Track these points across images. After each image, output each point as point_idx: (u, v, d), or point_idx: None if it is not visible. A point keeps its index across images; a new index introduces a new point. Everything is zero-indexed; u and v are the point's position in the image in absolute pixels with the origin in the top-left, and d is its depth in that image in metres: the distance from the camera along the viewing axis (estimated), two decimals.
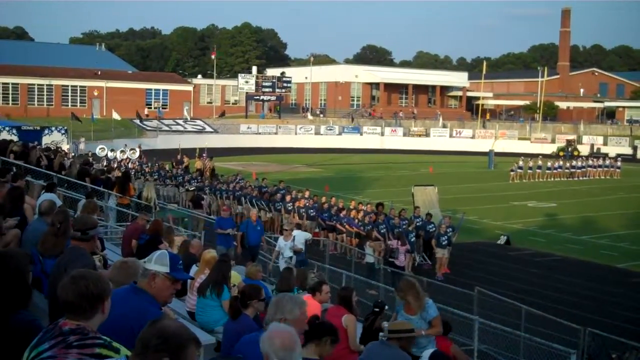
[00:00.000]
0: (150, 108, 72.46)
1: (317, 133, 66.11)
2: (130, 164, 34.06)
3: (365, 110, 76.98)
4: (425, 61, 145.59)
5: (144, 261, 4.14)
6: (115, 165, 31.92)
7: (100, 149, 39.72)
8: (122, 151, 39.30)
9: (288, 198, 23.05)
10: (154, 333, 2.53)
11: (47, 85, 69.43)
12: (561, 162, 45.67)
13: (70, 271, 3.24)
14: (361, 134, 67.47)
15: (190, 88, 78.61)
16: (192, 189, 27.29)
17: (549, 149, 62.28)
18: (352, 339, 7.32)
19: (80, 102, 70.52)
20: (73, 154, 31.74)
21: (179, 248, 10.29)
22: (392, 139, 66.87)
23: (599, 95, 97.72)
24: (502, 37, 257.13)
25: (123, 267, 4.68)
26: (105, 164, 32.75)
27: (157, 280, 3.97)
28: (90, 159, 34.18)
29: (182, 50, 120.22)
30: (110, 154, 38.20)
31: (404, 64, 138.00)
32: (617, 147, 63.44)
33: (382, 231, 19.39)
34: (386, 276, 16.48)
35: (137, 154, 38.42)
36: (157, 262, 4.00)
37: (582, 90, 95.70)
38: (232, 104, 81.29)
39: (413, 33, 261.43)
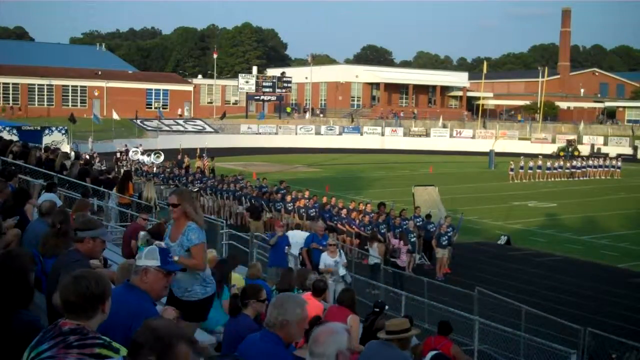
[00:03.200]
0: (151, 108, 72.54)
1: (318, 133, 66.11)
2: (155, 168, 33.84)
3: (391, 112, 76.61)
4: (425, 61, 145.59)
5: (136, 257, 4.17)
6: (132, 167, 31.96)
7: (133, 151, 39.78)
8: (148, 154, 39.22)
9: (288, 198, 23.04)
10: (144, 332, 2.53)
11: (47, 85, 69.47)
12: (561, 162, 45.65)
13: (65, 275, 3.24)
14: (361, 134, 67.47)
15: (190, 88, 78.65)
16: (195, 189, 27.32)
17: (549, 149, 62.27)
18: (354, 339, 7.34)
19: (81, 102, 70.57)
20: (97, 156, 31.78)
21: None
22: (393, 139, 66.87)
23: (599, 95, 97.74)
24: (502, 37, 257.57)
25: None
26: (138, 167, 32.81)
27: (149, 275, 4.00)
28: (125, 161, 34.34)
29: (183, 50, 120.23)
30: (141, 158, 37.97)
31: (404, 64, 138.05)
32: (618, 147, 63.45)
33: (382, 231, 19.40)
34: (387, 276, 16.48)
35: (162, 158, 38.17)
36: (148, 257, 4.04)
37: (582, 90, 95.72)
38: (233, 104, 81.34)
39: (413, 33, 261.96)
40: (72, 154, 25.76)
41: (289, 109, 76.10)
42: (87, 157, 31.71)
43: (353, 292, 8.05)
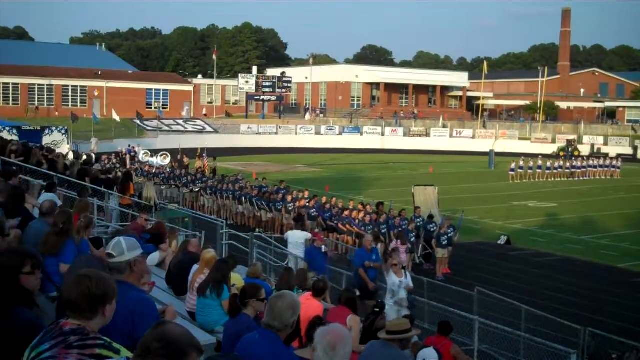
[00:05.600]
0: (151, 108, 72.54)
1: (318, 133, 66.11)
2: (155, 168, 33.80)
3: (409, 113, 76.59)
4: (425, 61, 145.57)
5: (116, 255, 4.01)
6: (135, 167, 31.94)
7: (144, 153, 39.81)
8: (156, 157, 39.19)
9: (289, 198, 23.04)
10: (155, 337, 2.49)
11: (47, 85, 69.44)
12: (561, 162, 45.67)
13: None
14: (361, 134, 67.48)
15: (190, 88, 78.64)
16: (197, 190, 27.34)
17: (550, 149, 62.28)
18: (354, 339, 7.34)
19: (81, 102, 70.56)
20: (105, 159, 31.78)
21: (177, 248, 10.24)
22: (393, 139, 66.87)
23: (599, 95, 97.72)
24: (502, 37, 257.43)
25: None
26: (138, 167, 32.81)
27: (138, 264, 4.02)
28: (137, 165, 34.34)
29: (183, 50, 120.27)
30: (151, 160, 37.86)
31: (404, 64, 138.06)
32: (618, 147, 63.46)
33: (382, 231, 19.40)
34: None
35: (168, 159, 38.09)
36: (131, 250, 4.01)
37: (582, 90, 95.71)
38: (233, 104, 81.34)
39: (413, 33, 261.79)
40: (92, 154, 25.66)
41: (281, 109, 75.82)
42: (102, 157, 31.80)
43: (354, 292, 8.06)
